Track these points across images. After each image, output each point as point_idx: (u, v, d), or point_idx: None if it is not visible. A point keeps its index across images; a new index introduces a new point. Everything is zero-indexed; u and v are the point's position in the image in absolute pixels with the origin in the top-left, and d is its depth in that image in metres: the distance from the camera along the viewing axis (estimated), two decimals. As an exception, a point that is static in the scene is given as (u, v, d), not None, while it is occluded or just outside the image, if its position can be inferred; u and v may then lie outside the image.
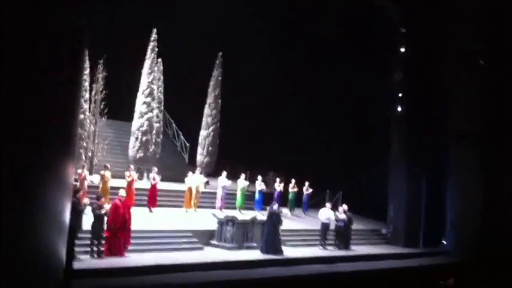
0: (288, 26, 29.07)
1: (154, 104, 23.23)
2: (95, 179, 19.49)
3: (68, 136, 10.31)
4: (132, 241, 15.66)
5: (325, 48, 29.20)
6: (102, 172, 18.84)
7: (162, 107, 24.51)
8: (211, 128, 24.99)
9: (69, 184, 10.48)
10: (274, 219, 18.40)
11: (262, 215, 20.68)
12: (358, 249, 21.23)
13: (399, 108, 25.13)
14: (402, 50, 25.19)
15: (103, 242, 14.93)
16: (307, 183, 24.81)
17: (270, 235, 18.11)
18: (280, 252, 18.10)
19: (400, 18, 25.19)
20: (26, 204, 9.28)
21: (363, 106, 28.87)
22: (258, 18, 28.19)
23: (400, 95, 25.19)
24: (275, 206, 18.83)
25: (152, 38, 23.36)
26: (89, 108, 21.52)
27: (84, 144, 20.98)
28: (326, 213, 20.63)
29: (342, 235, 20.86)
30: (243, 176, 22.80)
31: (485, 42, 24.35)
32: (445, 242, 25.32)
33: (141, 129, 22.70)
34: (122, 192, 15.96)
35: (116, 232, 15.05)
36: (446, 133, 25.39)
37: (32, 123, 9.28)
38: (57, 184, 9.97)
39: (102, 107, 21.95)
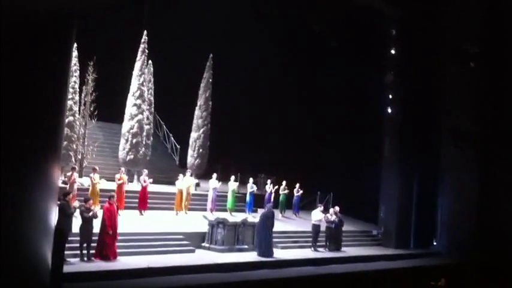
0: (279, 27, 29.07)
1: (144, 106, 23.12)
2: (85, 181, 19.36)
3: (54, 138, 10.10)
4: (123, 244, 15.60)
5: (318, 50, 29.27)
6: (91, 175, 18.71)
7: (153, 109, 24.41)
8: (201, 130, 24.91)
9: (55, 186, 10.30)
10: (270, 221, 18.40)
11: (253, 217, 20.66)
12: (349, 251, 21.26)
13: (389, 110, 25.25)
14: (392, 51, 25.33)
15: (92, 244, 14.83)
16: (297, 185, 24.80)
17: (267, 237, 18.12)
18: (272, 254, 18.11)
19: (392, 19, 25.27)
20: (12, 206, 9.14)
21: (354, 107, 28.91)
22: (249, 21, 28.16)
23: (390, 96, 25.32)
24: (268, 206, 18.83)
25: (143, 40, 23.26)
26: (79, 110, 21.37)
27: (74, 146, 20.81)
28: (317, 215, 20.64)
29: (333, 237, 20.88)
30: (233, 177, 22.76)
31: (480, 43, 24.41)
32: (435, 243, 25.46)
33: (131, 131, 22.58)
34: (114, 196, 15.89)
35: (113, 237, 15.00)
36: (438, 134, 25.49)
37: (17, 125, 9.12)
38: (44, 186, 9.80)
39: (92, 109, 21.79)
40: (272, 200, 23.02)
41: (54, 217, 9.95)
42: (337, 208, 21.43)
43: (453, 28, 25.07)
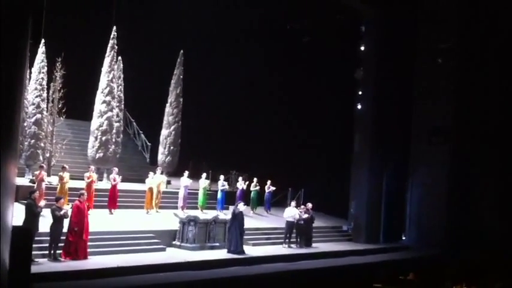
0: (251, 23, 29.05)
1: (114, 103, 22.84)
2: (53, 180, 19.06)
3: (8, 129, 9.56)
4: (93, 243, 15.42)
5: (289, 46, 29.36)
6: (60, 173, 18.42)
7: (123, 106, 24.14)
8: (172, 127, 24.73)
9: (12, 184, 9.80)
10: (240, 219, 18.40)
11: (224, 214, 20.65)
12: (320, 247, 21.43)
13: (359, 106, 25.51)
14: (362, 48, 25.57)
15: (62, 244, 14.63)
16: (269, 182, 24.82)
17: (236, 234, 18.12)
18: (243, 251, 18.13)
19: (366, 16, 25.50)
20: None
21: (324, 103, 29.10)
22: (219, 16, 28.08)
23: (360, 92, 25.57)
24: (240, 205, 18.81)
25: (112, 36, 22.95)
26: (47, 107, 21.01)
27: (42, 144, 20.47)
28: (291, 212, 20.74)
29: (304, 233, 21.00)
30: (204, 175, 22.67)
31: (452, 37, 24.81)
32: (404, 238, 25.85)
33: (100, 128, 22.29)
34: (84, 194, 15.72)
35: (80, 234, 14.79)
36: (408, 129, 25.87)
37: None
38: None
39: (60, 106, 21.42)
40: (243, 197, 23.01)
41: (11, 216, 9.52)
42: (309, 205, 21.56)
43: (425, 24, 25.44)
